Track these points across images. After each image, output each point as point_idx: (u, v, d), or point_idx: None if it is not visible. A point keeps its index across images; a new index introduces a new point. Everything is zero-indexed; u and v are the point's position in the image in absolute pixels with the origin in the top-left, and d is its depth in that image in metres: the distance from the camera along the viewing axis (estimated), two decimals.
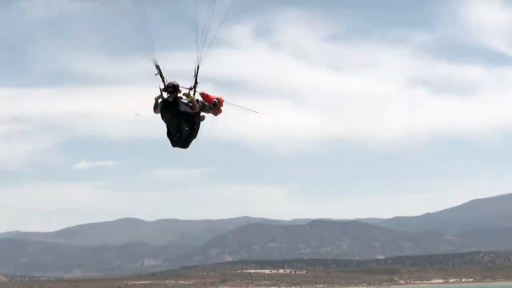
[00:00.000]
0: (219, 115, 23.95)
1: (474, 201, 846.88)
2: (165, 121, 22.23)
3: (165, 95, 22.66)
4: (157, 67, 22.25)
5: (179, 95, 22.52)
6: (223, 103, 23.84)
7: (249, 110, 24.59)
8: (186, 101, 22.46)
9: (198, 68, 22.37)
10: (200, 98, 23.35)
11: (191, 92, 22.67)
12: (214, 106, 23.52)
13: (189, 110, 22.20)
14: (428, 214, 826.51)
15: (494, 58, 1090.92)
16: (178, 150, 22.84)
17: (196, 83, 22.68)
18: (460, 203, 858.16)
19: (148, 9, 21.95)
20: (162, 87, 22.53)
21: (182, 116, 22.06)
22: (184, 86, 22.87)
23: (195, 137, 22.59)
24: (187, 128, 22.17)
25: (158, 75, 22.51)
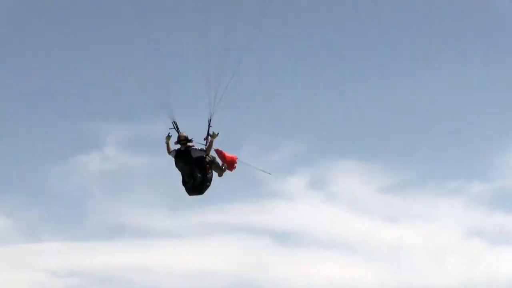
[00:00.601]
0: (223, 175, 24.37)
1: None
2: (178, 169, 23.34)
3: (175, 145, 23.83)
4: (174, 122, 23.55)
5: (190, 144, 23.72)
6: (236, 163, 24.23)
7: (263, 171, 24.79)
8: (197, 148, 23.50)
9: (210, 120, 23.29)
10: (215, 154, 24.17)
11: (211, 134, 23.53)
12: (221, 168, 24.16)
13: (201, 154, 23.29)
14: None
15: None
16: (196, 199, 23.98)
17: (208, 134, 23.47)
18: None
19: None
20: (176, 140, 23.82)
21: (194, 163, 23.17)
22: (200, 142, 23.78)
23: (209, 184, 23.61)
24: (199, 175, 23.19)
25: (174, 130, 23.67)
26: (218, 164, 23.77)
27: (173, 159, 23.45)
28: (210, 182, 23.49)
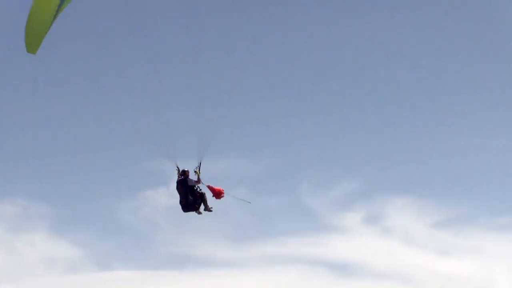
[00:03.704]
0: (207, 211, 31.07)
1: None
2: (178, 191, 30.66)
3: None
4: (177, 166, 30.72)
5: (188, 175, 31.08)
6: (223, 194, 30.91)
7: (244, 200, 31.47)
8: (192, 179, 30.63)
9: (200, 163, 30.36)
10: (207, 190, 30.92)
11: (196, 171, 30.54)
12: (208, 206, 30.72)
13: (194, 183, 30.58)
14: None
15: None
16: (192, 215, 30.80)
17: (195, 172, 30.57)
18: None
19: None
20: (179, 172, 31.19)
21: (188, 188, 30.60)
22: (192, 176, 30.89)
23: (198, 206, 30.69)
24: (191, 198, 30.62)
25: (177, 170, 30.87)
26: (206, 200, 30.86)
27: (175, 184, 30.81)
28: (199, 205, 30.69)
